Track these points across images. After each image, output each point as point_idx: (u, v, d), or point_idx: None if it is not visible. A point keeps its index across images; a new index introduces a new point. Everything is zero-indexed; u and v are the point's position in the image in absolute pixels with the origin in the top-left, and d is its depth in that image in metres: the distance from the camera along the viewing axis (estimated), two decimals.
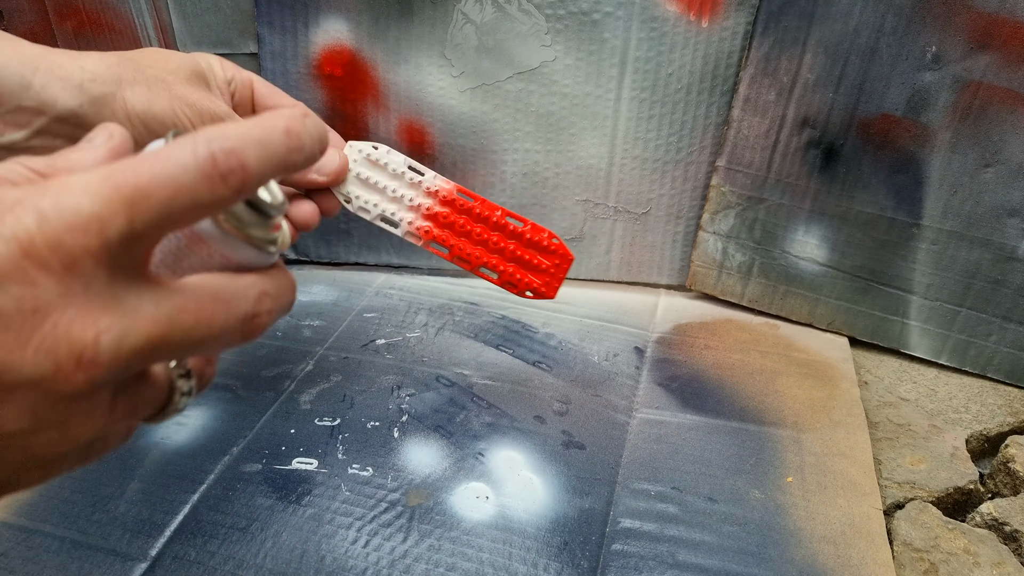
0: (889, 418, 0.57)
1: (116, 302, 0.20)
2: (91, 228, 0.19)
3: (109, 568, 0.42)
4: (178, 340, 0.21)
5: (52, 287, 0.19)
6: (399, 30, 0.63)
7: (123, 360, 0.20)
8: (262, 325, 0.24)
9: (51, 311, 0.19)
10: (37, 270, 0.19)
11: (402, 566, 0.42)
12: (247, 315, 0.23)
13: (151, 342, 0.21)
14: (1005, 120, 0.55)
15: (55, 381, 0.19)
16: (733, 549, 0.44)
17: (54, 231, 0.19)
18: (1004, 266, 0.59)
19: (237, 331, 0.23)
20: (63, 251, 0.19)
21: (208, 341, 0.22)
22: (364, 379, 0.57)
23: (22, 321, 0.19)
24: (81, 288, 0.19)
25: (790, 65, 0.59)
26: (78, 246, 0.19)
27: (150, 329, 0.20)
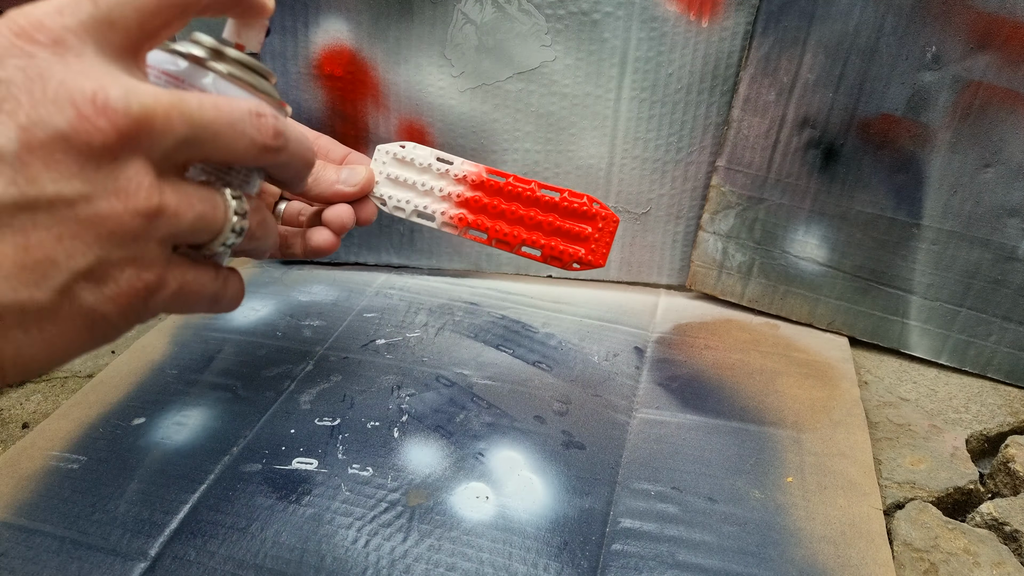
0: (889, 418, 0.57)
1: (112, 73, 0.23)
2: (64, 11, 0.22)
3: (109, 568, 0.42)
4: (190, 113, 0.23)
5: (48, 56, 0.22)
6: (399, 30, 0.63)
7: (137, 113, 0.22)
8: (271, 125, 0.26)
9: (54, 73, 0.21)
10: (30, 45, 0.21)
11: (402, 566, 0.42)
12: (252, 110, 0.25)
13: (161, 105, 0.22)
14: (1005, 120, 0.55)
15: (84, 129, 0.21)
16: (733, 549, 0.44)
17: (36, 16, 0.22)
18: (1004, 266, 0.59)
19: (248, 122, 0.25)
20: (46, 29, 0.22)
21: (222, 124, 0.24)
22: (364, 379, 0.57)
23: (31, 84, 0.21)
24: (74, 57, 0.22)
25: (790, 65, 0.59)
26: (57, 24, 0.22)
27: (156, 95, 0.23)
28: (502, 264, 0.73)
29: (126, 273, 0.23)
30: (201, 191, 0.25)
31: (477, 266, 0.73)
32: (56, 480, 0.47)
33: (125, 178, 0.22)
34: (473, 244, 0.71)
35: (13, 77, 0.21)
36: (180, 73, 0.28)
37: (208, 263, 0.28)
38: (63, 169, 0.21)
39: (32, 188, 0.21)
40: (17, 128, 0.20)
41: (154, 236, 0.23)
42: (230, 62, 0.29)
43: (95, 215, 0.22)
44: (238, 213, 0.27)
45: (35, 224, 0.21)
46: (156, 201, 0.23)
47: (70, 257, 0.21)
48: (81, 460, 0.49)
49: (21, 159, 0.20)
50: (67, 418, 0.53)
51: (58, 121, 0.21)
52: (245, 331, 0.63)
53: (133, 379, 0.57)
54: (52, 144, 0.21)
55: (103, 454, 0.49)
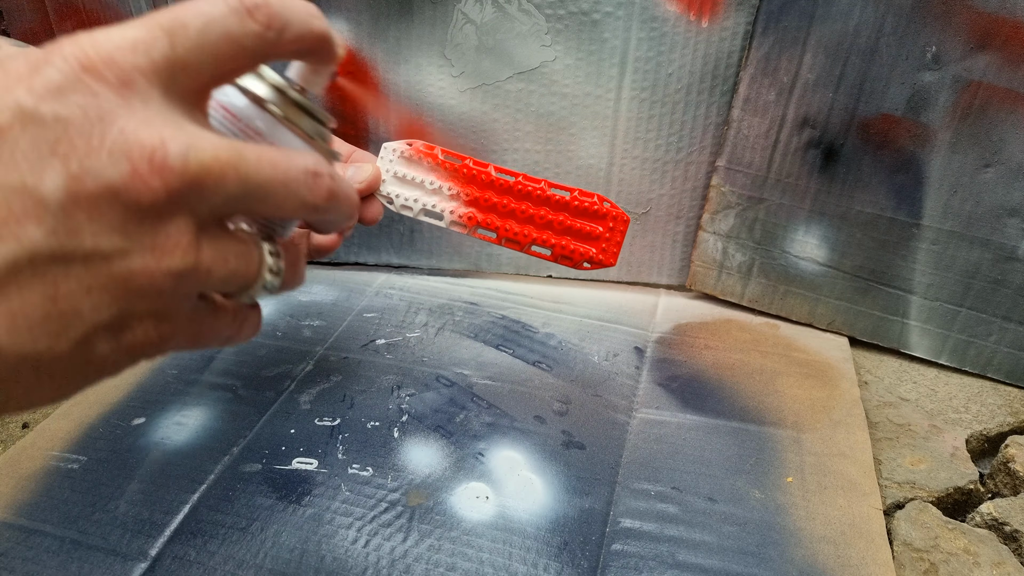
0: (889, 418, 0.57)
1: (176, 123, 0.22)
2: (138, 48, 0.21)
3: (109, 568, 0.42)
4: (246, 172, 0.22)
5: (112, 98, 0.20)
6: (399, 30, 0.63)
7: (193, 173, 0.21)
8: (326, 186, 0.25)
9: (116, 118, 0.20)
10: (96, 82, 0.20)
11: (402, 566, 0.42)
12: (308, 169, 0.24)
13: (218, 163, 0.21)
14: (1005, 120, 0.55)
15: (135, 187, 0.20)
16: (733, 549, 0.44)
17: (106, 50, 0.21)
18: (1004, 266, 0.59)
19: (301, 182, 0.24)
20: (116, 66, 0.21)
21: (276, 183, 0.23)
22: (364, 379, 0.57)
23: (90, 127, 0.20)
24: (140, 102, 0.21)
25: (790, 65, 0.59)
26: (129, 63, 0.21)
27: (215, 151, 0.21)
28: (502, 264, 0.73)
29: (144, 324, 0.23)
30: (238, 246, 0.24)
31: (477, 266, 0.73)
32: (56, 480, 0.47)
33: (165, 235, 0.21)
34: (473, 243, 0.71)
35: (73, 116, 0.20)
36: (239, 111, 0.27)
37: (228, 307, 0.27)
38: (106, 223, 0.20)
39: (71, 241, 0.20)
40: (67, 176, 0.19)
41: (181, 292, 0.23)
42: (289, 106, 0.28)
43: (128, 271, 0.21)
44: (272, 271, 0.26)
45: (67, 276, 0.20)
46: (191, 260, 0.22)
47: (95, 310, 0.21)
48: (81, 460, 0.49)
49: (66, 210, 0.19)
50: (67, 418, 0.53)
51: (111, 175, 0.20)
52: None
53: (133, 379, 0.57)
54: (100, 197, 0.20)
55: (103, 454, 0.49)
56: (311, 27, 0.25)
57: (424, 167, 0.49)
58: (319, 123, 0.29)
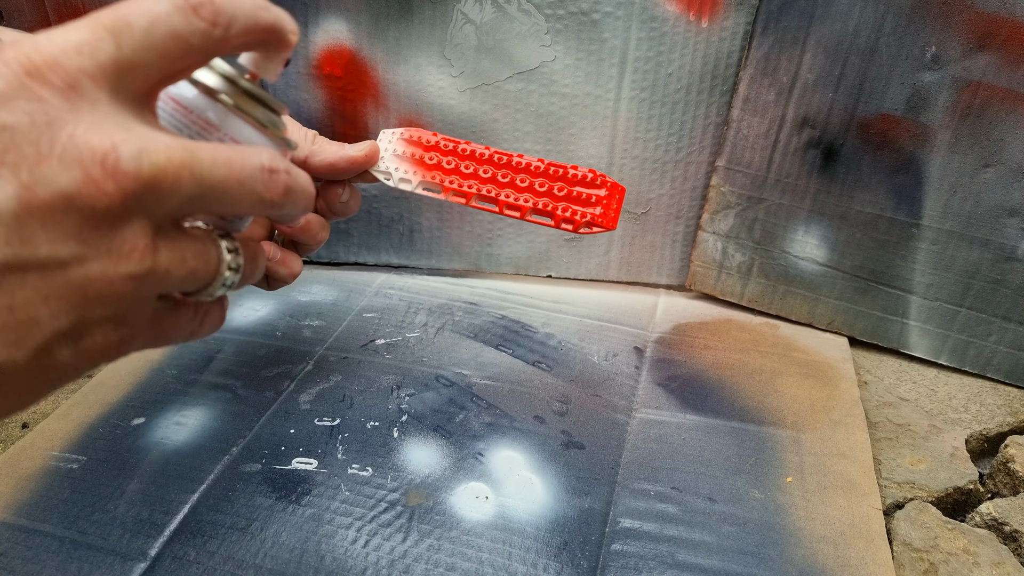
0: (889, 418, 0.57)
1: (126, 126, 0.21)
2: (83, 50, 0.21)
3: (109, 568, 0.42)
4: (200, 172, 0.22)
5: (59, 103, 0.20)
6: (399, 30, 0.63)
7: (147, 176, 0.20)
8: (282, 182, 0.25)
9: (64, 124, 0.20)
10: (41, 87, 0.20)
11: (402, 566, 0.42)
12: (263, 166, 0.24)
13: (172, 165, 0.21)
14: (1005, 120, 0.55)
15: (88, 194, 0.20)
16: (733, 549, 0.44)
17: (50, 53, 0.20)
18: (1004, 266, 0.59)
19: (257, 179, 0.24)
20: (61, 69, 0.20)
21: (231, 182, 0.23)
22: (364, 379, 0.57)
23: (39, 134, 0.19)
24: (87, 106, 0.20)
25: (790, 65, 0.59)
26: (74, 65, 0.20)
27: (168, 153, 0.21)
28: (502, 264, 0.73)
29: (104, 329, 0.22)
30: (195, 245, 0.24)
31: (477, 266, 0.73)
32: (56, 480, 0.47)
33: (121, 239, 0.21)
34: (473, 243, 0.71)
35: (19, 124, 0.19)
36: (189, 103, 0.27)
37: (189, 303, 0.27)
38: (61, 231, 0.20)
39: (26, 250, 0.19)
40: (19, 185, 0.19)
41: (140, 295, 0.22)
42: (240, 94, 0.28)
43: (85, 277, 0.21)
44: (231, 268, 0.26)
45: (23, 284, 0.20)
46: (148, 264, 0.22)
47: (53, 318, 0.21)
48: (81, 460, 0.49)
49: (19, 219, 0.19)
50: (67, 418, 0.53)
51: (63, 182, 0.19)
52: (244, 331, 0.63)
53: (133, 379, 0.57)
54: (53, 205, 0.19)
55: (103, 454, 0.49)
56: (258, 19, 0.24)
57: (423, 145, 0.50)
58: (272, 111, 0.29)
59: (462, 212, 0.70)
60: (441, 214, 0.70)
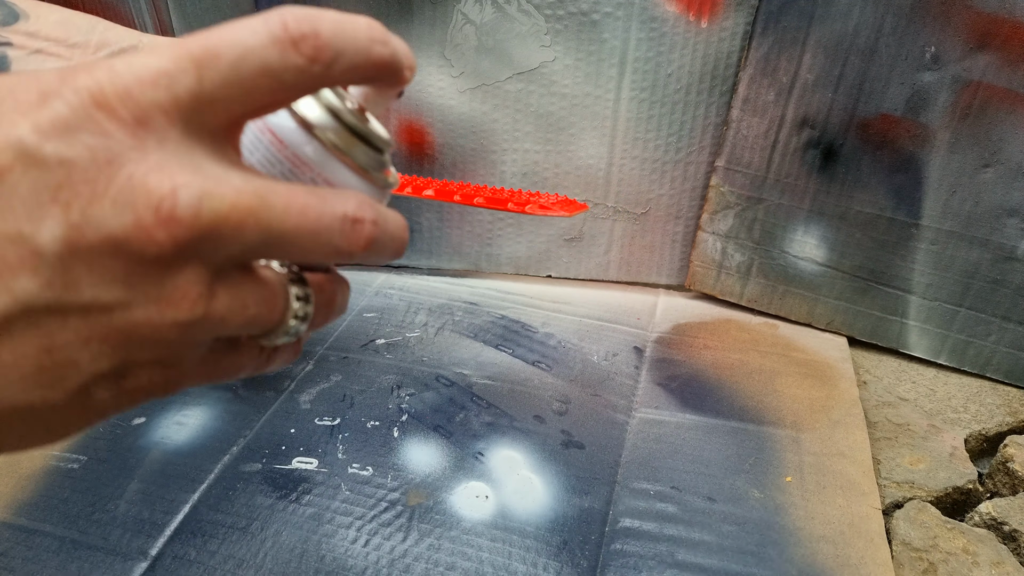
0: (888, 418, 0.57)
1: (195, 165, 0.20)
2: (160, 82, 0.19)
3: (109, 568, 0.42)
4: (268, 221, 0.20)
5: (124, 138, 0.19)
6: (399, 30, 0.63)
7: (206, 224, 0.19)
8: (366, 234, 0.22)
9: (125, 162, 0.19)
10: (108, 120, 0.19)
11: (402, 565, 0.42)
12: (347, 215, 0.22)
13: (237, 212, 0.20)
14: (1004, 120, 0.55)
15: (138, 239, 0.19)
16: (732, 548, 0.44)
17: (124, 83, 0.19)
18: (1003, 266, 0.59)
19: (336, 230, 0.21)
20: (133, 103, 0.19)
21: (304, 232, 0.21)
22: (364, 379, 0.57)
23: (97, 172, 0.18)
24: (155, 143, 0.19)
25: (789, 65, 0.59)
26: (148, 99, 0.19)
27: (235, 198, 0.20)
28: (502, 264, 0.73)
29: (148, 371, 0.21)
30: (260, 291, 0.22)
31: (477, 266, 0.73)
32: (56, 480, 0.47)
33: (172, 286, 0.20)
34: (472, 243, 0.71)
35: (79, 159, 0.18)
36: (285, 136, 0.24)
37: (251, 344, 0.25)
38: (106, 275, 0.19)
39: (68, 293, 0.18)
40: (67, 225, 0.18)
41: (190, 342, 0.21)
42: (343, 132, 0.25)
43: (129, 322, 0.19)
44: (298, 316, 0.23)
45: (63, 327, 0.19)
46: (200, 311, 0.20)
47: (94, 360, 0.20)
48: (81, 460, 0.49)
49: (63, 261, 0.18)
50: None
51: (113, 225, 0.18)
52: None
53: None
54: (101, 248, 0.18)
55: (103, 454, 0.49)
56: (370, 57, 0.22)
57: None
58: (375, 150, 0.26)
59: (462, 212, 0.70)
60: (441, 214, 0.71)
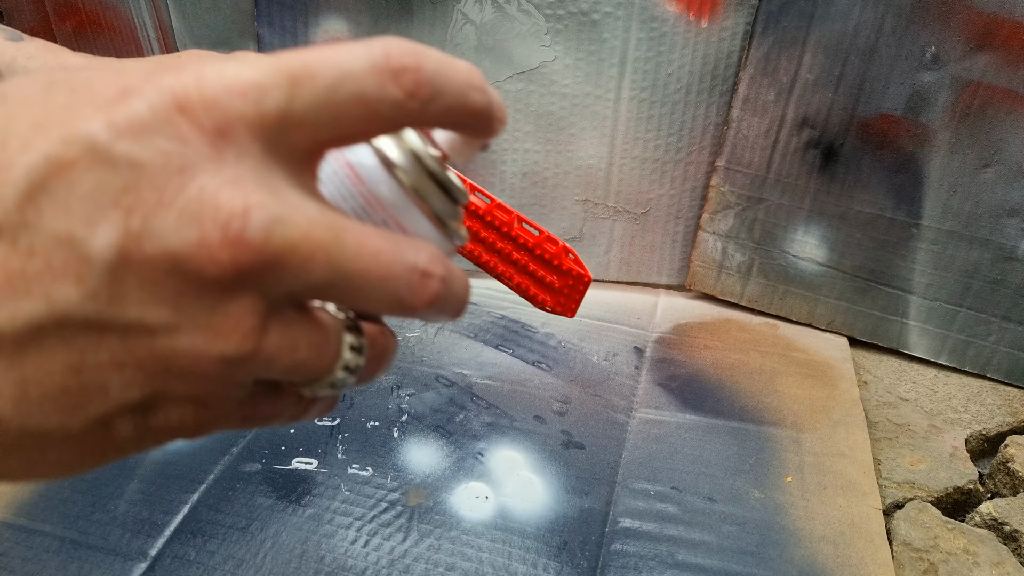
0: (888, 418, 0.57)
1: (272, 187, 0.18)
2: (249, 94, 0.18)
3: (109, 568, 0.42)
4: (338, 259, 0.19)
5: (203, 148, 0.18)
6: (399, 30, 0.63)
7: (274, 251, 0.18)
8: (433, 290, 0.21)
9: (199, 174, 0.17)
10: (189, 126, 0.17)
11: (401, 566, 0.42)
12: (416, 266, 0.20)
13: (308, 243, 0.18)
14: (1004, 120, 0.55)
15: (198, 257, 0.17)
16: (732, 549, 0.44)
17: (211, 90, 0.18)
18: (1003, 266, 0.59)
19: (404, 281, 0.20)
20: (217, 111, 0.18)
21: (372, 277, 0.19)
22: None
23: (167, 179, 0.17)
24: (233, 157, 0.18)
25: (789, 65, 0.59)
26: (233, 110, 0.18)
27: (308, 228, 0.18)
28: None
29: (181, 409, 0.19)
30: (313, 336, 0.20)
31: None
32: (56, 480, 0.47)
33: (224, 315, 0.18)
34: None
35: (151, 163, 0.17)
36: (363, 172, 0.23)
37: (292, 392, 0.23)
38: (157, 293, 0.17)
39: (112, 309, 0.17)
40: (125, 234, 0.17)
41: (231, 380, 0.19)
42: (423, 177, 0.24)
43: (171, 349, 0.18)
44: (348, 368, 0.21)
45: (98, 347, 0.17)
46: (250, 348, 0.18)
47: (124, 388, 0.18)
48: None
49: (114, 272, 0.17)
50: None
51: (173, 240, 0.17)
52: None
53: None
54: (157, 263, 0.17)
55: None
56: (466, 102, 0.21)
57: None
58: (452, 201, 0.25)
59: None
60: None
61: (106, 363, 0.17)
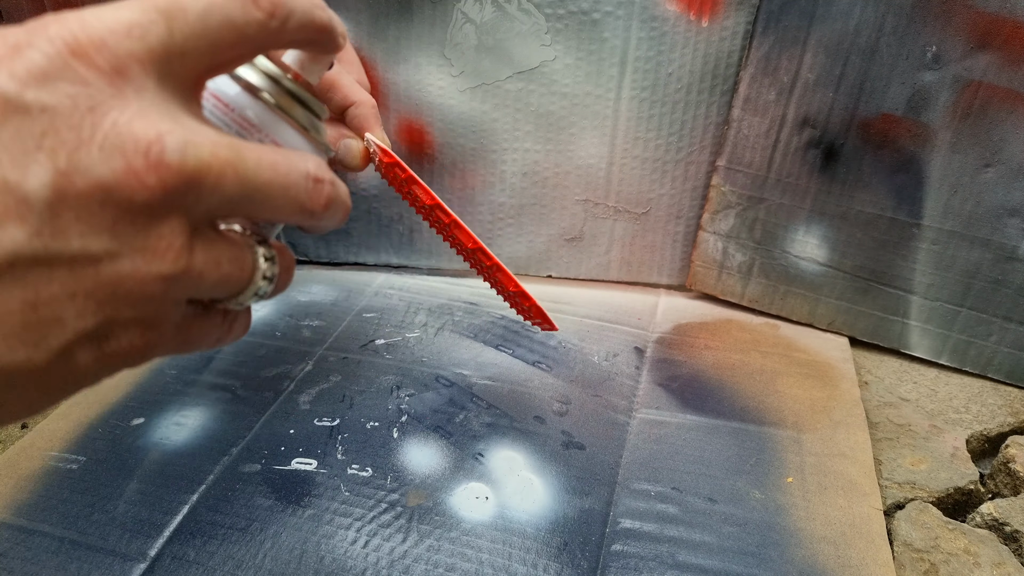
0: (889, 418, 0.57)
1: (172, 116, 0.20)
2: (133, 32, 0.19)
3: (108, 568, 0.42)
4: (244, 173, 0.21)
5: (104, 86, 0.19)
6: (398, 29, 0.63)
7: (191, 171, 0.19)
8: (327, 193, 0.24)
9: (108, 110, 0.19)
10: (86, 68, 0.19)
11: (401, 567, 0.42)
12: (309, 173, 0.23)
13: (217, 162, 0.20)
14: (1006, 120, 0.55)
15: (128, 184, 0.18)
16: (733, 550, 0.44)
17: (98, 33, 0.19)
18: (1005, 266, 0.59)
19: (302, 187, 0.23)
20: (108, 51, 0.19)
21: (275, 187, 0.22)
22: (363, 379, 0.57)
23: (80, 119, 0.18)
24: (133, 93, 0.19)
25: (790, 65, 0.59)
26: (122, 48, 0.19)
27: (214, 148, 0.20)
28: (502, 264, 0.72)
29: (130, 332, 0.21)
30: (232, 250, 0.23)
31: None
32: (55, 480, 0.47)
33: (157, 236, 0.19)
34: None
35: (60, 106, 0.18)
36: (230, 100, 0.26)
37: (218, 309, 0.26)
38: (95, 223, 0.18)
39: (56, 242, 0.18)
40: (55, 172, 0.18)
41: (171, 297, 0.21)
42: (284, 95, 0.27)
43: (116, 274, 0.19)
44: (266, 277, 0.25)
45: (50, 280, 0.18)
46: (183, 264, 0.20)
47: (79, 317, 0.19)
48: (80, 460, 0.49)
49: (52, 208, 0.18)
50: (66, 418, 0.53)
51: (103, 171, 0.18)
52: None
53: (132, 379, 0.57)
54: (90, 195, 0.18)
55: (102, 454, 0.49)
56: (313, 17, 0.24)
57: None
58: (314, 114, 0.28)
59: (461, 213, 0.70)
60: None
61: (59, 295, 0.19)
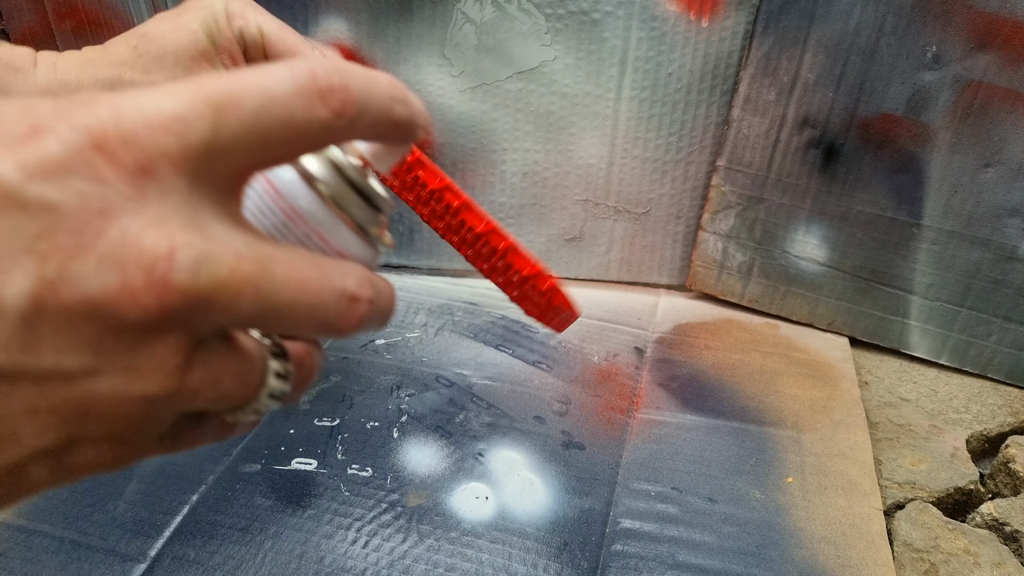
0: (889, 418, 0.57)
1: (197, 223, 0.17)
2: (171, 127, 0.17)
3: (108, 568, 0.42)
4: (267, 292, 0.18)
5: (123, 188, 0.16)
6: (398, 29, 0.63)
7: (200, 291, 0.17)
8: (360, 314, 0.20)
9: (120, 215, 0.16)
10: (107, 165, 0.16)
11: (401, 566, 0.42)
12: (344, 291, 0.20)
13: (236, 279, 0.17)
14: (1005, 120, 0.55)
15: (120, 303, 0.16)
16: (733, 549, 0.44)
17: (130, 125, 0.16)
18: (1004, 266, 0.58)
19: (332, 308, 0.19)
20: (138, 148, 0.17)
21: (300, 307, 0.19)
22: (363, 379, 0.57)
23: (85, 223, 0.16)
24: (156, 196, 0.17)
25: (790, 65, 0.59)
26: (155, 145, 0.17)
27: (235, 264, 0.17)
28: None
29: (97, 447, 0.18)
30: (237, 365, 0.20)
31: None
32: None
33: (147, 355, 0.17)
34: None
35: (66, 206, 0.16)
36: (283, 186, 0.23)
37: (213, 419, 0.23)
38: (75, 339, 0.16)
39: (25, 358, 0.16)
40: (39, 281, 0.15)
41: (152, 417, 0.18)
42: (343, 187, 0.23)
43: (88, 393, 0.17)
44: (273, 395, 0.21)
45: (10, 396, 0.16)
46: (172, 386, 0.18)
47: (38, 435, 0.17)
48: None
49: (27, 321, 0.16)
50: None
51: (92, 286, 0.16)
52: None
53: None
54: (74, 310, 0.16)
55: None
56: (391, 115, 0.21)
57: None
58: (374, 209, 0.24)
59: None
60: None
61: (18, 411, 0.16)
